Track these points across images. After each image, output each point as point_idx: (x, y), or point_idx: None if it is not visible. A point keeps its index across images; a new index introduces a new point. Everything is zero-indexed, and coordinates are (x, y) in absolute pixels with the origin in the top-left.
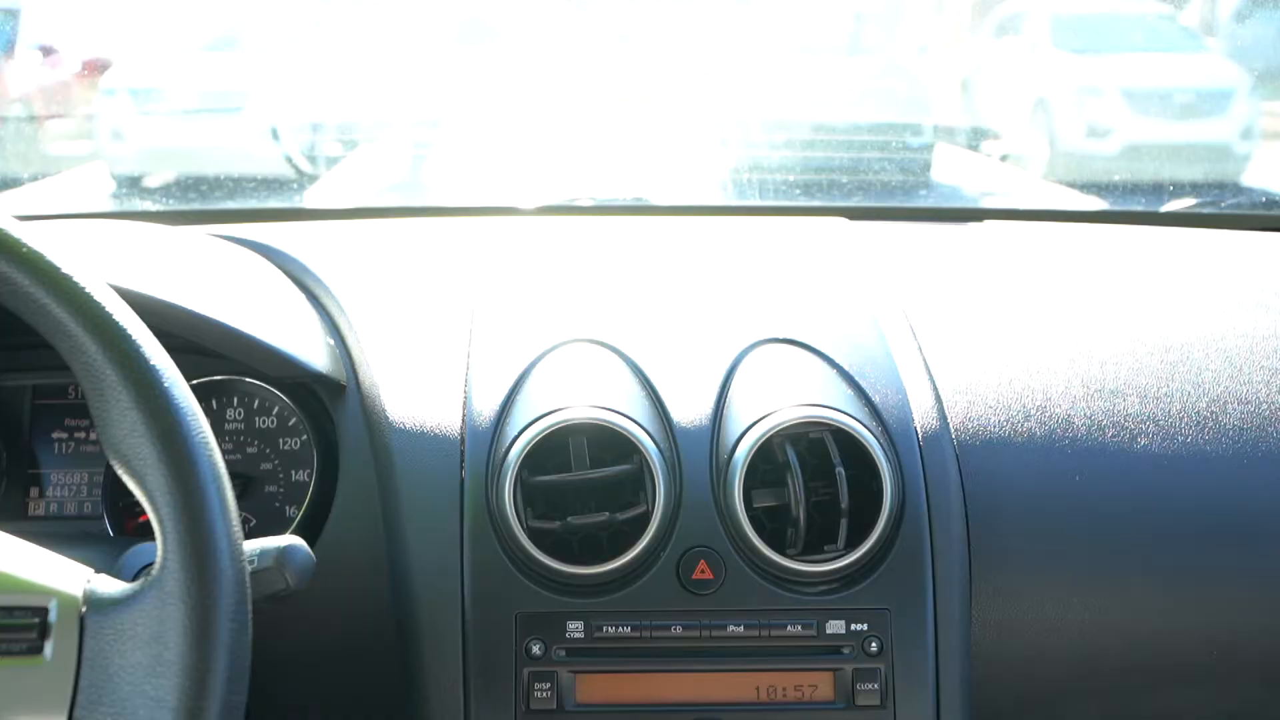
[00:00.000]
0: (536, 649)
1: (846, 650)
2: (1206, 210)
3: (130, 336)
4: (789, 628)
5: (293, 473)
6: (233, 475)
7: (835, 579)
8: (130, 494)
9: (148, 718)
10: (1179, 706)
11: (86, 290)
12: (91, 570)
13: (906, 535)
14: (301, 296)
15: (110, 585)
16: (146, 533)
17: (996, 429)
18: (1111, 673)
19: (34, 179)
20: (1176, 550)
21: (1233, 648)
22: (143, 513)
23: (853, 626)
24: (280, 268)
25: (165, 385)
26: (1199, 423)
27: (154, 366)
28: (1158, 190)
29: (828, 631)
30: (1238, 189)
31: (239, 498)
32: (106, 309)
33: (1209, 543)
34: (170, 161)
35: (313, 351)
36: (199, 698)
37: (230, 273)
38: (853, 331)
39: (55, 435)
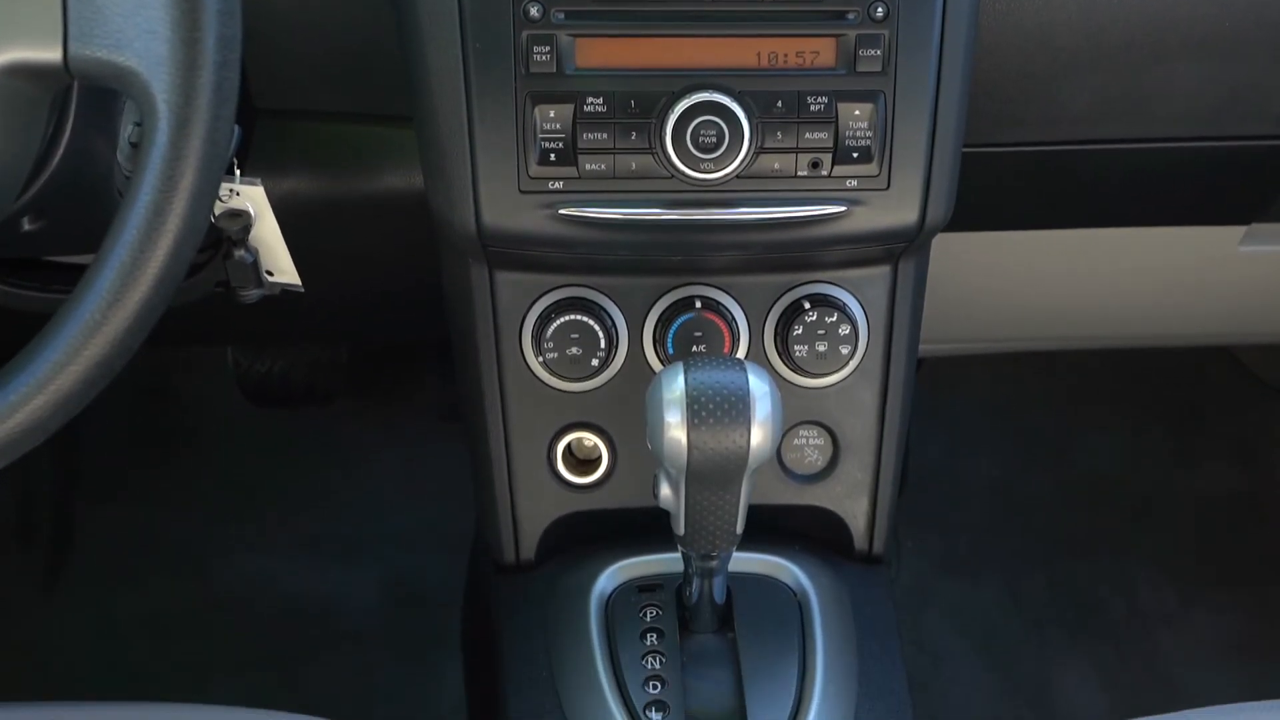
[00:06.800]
0: (535, 11)
1: (851, 16)
2: None
3: None
4: None
5: None
6: None
7: None
8: None
9: (144, 50)
10: (1180, 79)
11: None
12: None
13: None
14: None
15: None
16: None
17: None
18: (1116, 47)
19: None
20: None
21: (1248, 17)
22: None
23: None
24: None
25: None
26: None
27: None
28: None
29: None
30: None
31: None
32: None
33: None
34: None
35: None
36: (191, 29)
37: None
38: None
39: None
